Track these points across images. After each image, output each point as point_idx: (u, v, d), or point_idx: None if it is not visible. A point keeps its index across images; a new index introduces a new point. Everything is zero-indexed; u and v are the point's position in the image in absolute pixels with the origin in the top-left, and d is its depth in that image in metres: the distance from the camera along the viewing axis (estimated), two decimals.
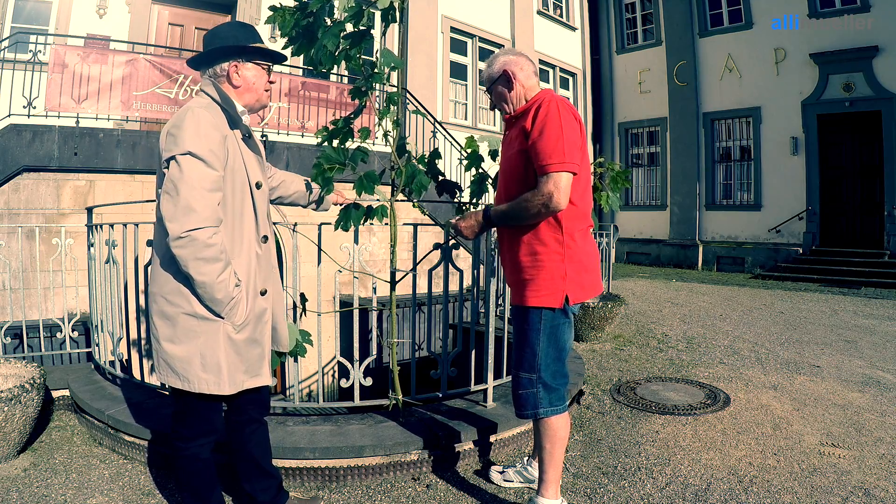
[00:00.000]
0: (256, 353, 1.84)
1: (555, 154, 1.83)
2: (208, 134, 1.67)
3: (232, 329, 1.74)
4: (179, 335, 1.71)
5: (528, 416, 2.05)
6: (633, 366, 4.48)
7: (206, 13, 8.44)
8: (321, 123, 7.53)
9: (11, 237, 5.16)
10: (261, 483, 2.02)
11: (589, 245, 2.06)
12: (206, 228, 1.62)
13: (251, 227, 1.83)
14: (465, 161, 2.81)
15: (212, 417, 1.84)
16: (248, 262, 1.81)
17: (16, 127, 5.56)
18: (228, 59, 1.81)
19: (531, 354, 2.00)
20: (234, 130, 1.79)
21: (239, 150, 1.79)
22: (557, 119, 1.87)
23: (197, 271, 1.63)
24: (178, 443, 1.84)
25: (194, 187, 1.62)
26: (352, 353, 2.96)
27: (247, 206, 1.82)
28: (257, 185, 1.85)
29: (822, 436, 2.98)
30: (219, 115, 1.75)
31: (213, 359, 1.71)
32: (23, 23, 6.95)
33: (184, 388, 1.73)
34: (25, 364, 2.95)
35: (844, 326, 6.13)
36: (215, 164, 1.68)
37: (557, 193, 1.82)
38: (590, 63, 14.94)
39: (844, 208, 11.71)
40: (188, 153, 1.63)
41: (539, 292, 1.96)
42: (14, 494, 2.31)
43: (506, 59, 2.09)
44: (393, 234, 2.61)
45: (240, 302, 1.74)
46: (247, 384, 1.82)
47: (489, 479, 2.45)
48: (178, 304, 1.71)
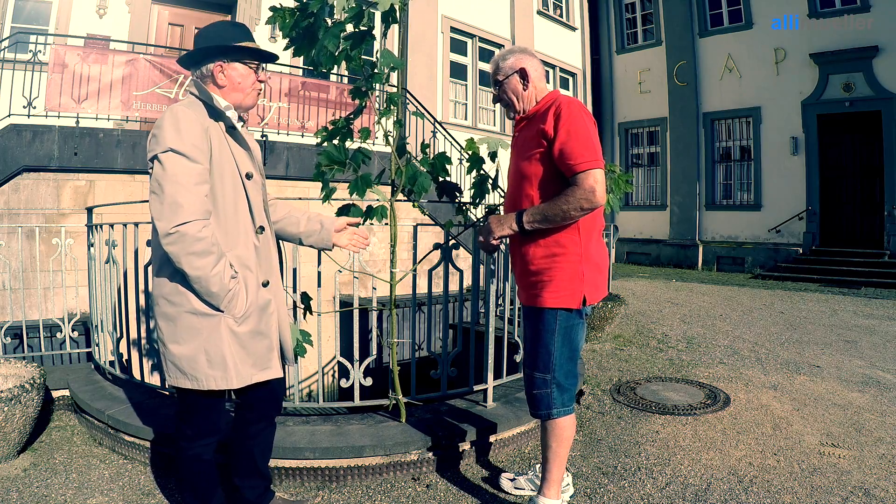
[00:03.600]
0: (264, 346, 1.82)
1: (588, 152, 1.85)
2: (188, 129, 1.66)
3: (233, 322, 1.73)
4: (182, 334, 1.71)
5: (541, 416, 2.05)
6: (633, 366, 4.48)
7: (206, 13, 8.44)
8: (321, 123, 7.53)
9: (11, 237, 5.16)
10: (252, 481, 2.02)
11: (601, 246, 2.08)
12: (194, 222, 1.61)
13: (246, 218, 1.82)
14: (467, 163, 2.81)
15: (215, 417, 1.84)
16: (246, 253, 1.80)
17: (16, 127, 5.56)
18: (213, 60, 1.81)
19: (546, 354, 2.01)
20: (217, 123, 1.78)
21: (225, 142, 1.78)
22: (582, 119, 1.90)
23: (190, 266, 1.62)
24: (181, 442, 1.84)
25: (179, 183, 1.62)
26: (352, 353, 2.96)
27: (239, 197, 1.80)
28: (248, 175, 1.83)
29: (822, 436, 2.98)
30: (200, 111, 1.75)
31: (218, 354, 1.71)
32: (23, 23, 6.95)
33: (193, 388, 1.72)
34: (25, 364, 2.95)
35: (844, 326, 6.13)
36: (198, 157, 1.67)
37: (600, 187, 1.84)
38: (590, 63, 14.93)
39: (844, 208, 11.71)
40: (169, 150, 1.63)
41: (558, 293, 1.96)
42: (14, 494, 2.32)
43: (521, 56, 2.09)
44: (393, 234, 2.61)
45: (238, 294, 1.72)
46: (256, 377, 1.80)
47: (499, 486, 2.42)
48: (179, 303, 1.70)
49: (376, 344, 3.22)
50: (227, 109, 1.82)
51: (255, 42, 1.88)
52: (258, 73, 1.90)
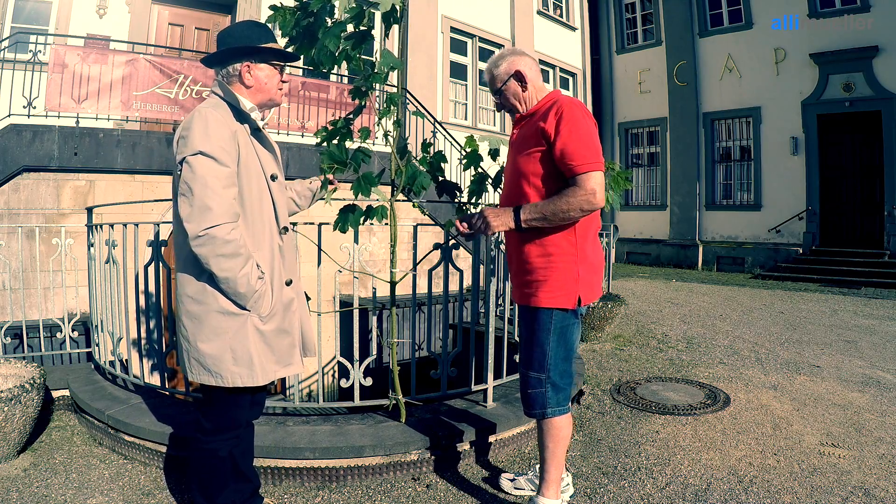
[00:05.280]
0: (287, 343, 1.87)
1: (588, 153, 1.84)
2: (217, 132, 1.68)
3: (259, 321, 1.77)
4: (208, 333, 1.74)
5: (535, 416, 2.06)
6: (633, 366, 4.48)
7: (206, 13, 8.44)
8: (321, 123, 7.53)
9: (11, 237, 5.16)
10: (235, 485, 2.00)
11: (598, 247, 2.08)
12: (223, 225, 1.64)
13: (271, 219, 1.86)
14: (465, 161, 2.80)
15: (236, 413, 1.87)
16: (271, 253, 1.84)
17: (16, 127, 5.56)
18: (241, 60, 1.83)
19: (541, 354, 2.01)
20: (243, 125, 1.81)
21: (251, 144, 1.81)
22: (583, 120, 1.89)
23: (219, 267, 1.65)
24: (199, 435, 1.87)
25: (208, 185, 1.64)
26: (352, 354, 2.96)
27: (265, 198, 1.83)
28: (272, 177, 1.87)
29: (822, 436, 2.98)
30: (227, 113, 1.77)
31: (244, 352, 1.75)
32: (23, 23, 6.95)
33: (217, 384, 1.76)
34: (25, 364, 2.95)
35: (844, 326, 6.13)
36: (226, 160, 1.69)
37: (600, 191, 1.84)
38: (590, 63, 14.93)
39: (844, 208, 11.71)
40: (199, 153, 1.65)
41: (553, 293, 1.96)
42: (14, 494, 2.32)
43: (514, 58, 2.09)
44: (393, 234, 2.61)
45: (265, 294, 1.77)
46: (280, 374, 1.85)
47: (499, 486, 2.42)
48: (206, 302, 1.73)
49: (376, 344, 3.22)
50: (251, 112, 1.85)
51: (278, 43, 1.90)
52: (282, 74, 1.93)
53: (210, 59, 1.88)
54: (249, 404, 1.96)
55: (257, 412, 2.07)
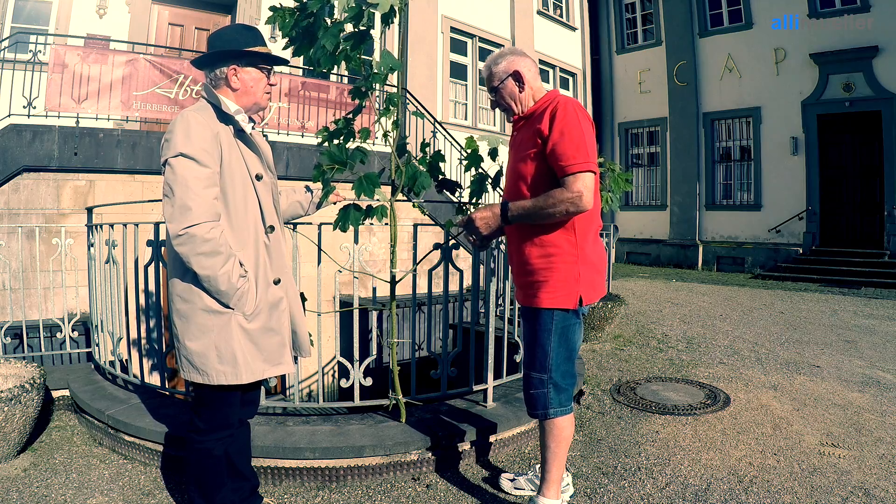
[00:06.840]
0: (275, 342, 1.88)
1: (579, 154, 1.84)
2: (198, 133, 1.71)
3: (243, 319, 1.79)
4: (194, 331, 1.77)
5: (538, 416, 2.06)
6: (633, 366, 4.48)
7: (206, 13, 8.44)
8: (321, 123, 7.54)
9: (11, 237, 5.16)
10: (233, 483, 2.01)
11: (599, 247, 2.07)
12: (203, 224, 1.66)
13: (256, 218, 1.87)
14: (465, 161, 2.80)
15: (227, 412, 1.88)
16: (256, 252, 1.85)
17: (16, 127, 5.56)
18: (227, 63, 1.85)
19: (543, 354, 2.01)
20: (227, 126, 1.82)
21: (235, 145, 1.83)
22: (577, 121, 1.88)
23: (199, 266, 1.68)
24: (193, 435, 1.88)
25: (188, 186, 1.67)
26: (352, 353, 2.96)
27: (250, 198, 1.85)
28: (257, 176, 1.88)
29: (822, 436, 2.98)
30: (210, 115, 1.79)
31: (228, 350, 1.76)
32: (23, 23, 6.95)
33: (203, 382, 1.78)
34: (25, 364, 2.95)
35: (844, 326, 6.13)
36: (208, 161, 1.71)
37: (588, 193, 1.83)
38: (590, 63, 14.93)
39: (844, 208, 11.71)
40: (180, 154, 1.68)
41: (554, 293, 1.96)
42: (14, 494, 2.32)
43: (514, 58, 2.08)
44: (393, 234, 2.61)
45: (247, 292, 1.78)
46: (268, 373, 1.86)
47: (499, 486, 2.42)
48: (191, 301, 1.76)
49: (376, 344, 3.22)
50: (236, 114, 1.87)
51: (267, 47, 1.92)
52: (269, 77, 1.95)
53: (199, 61, 1.90)
54: (241, 403, 1.96)
55: (251, 411, 2.07)
